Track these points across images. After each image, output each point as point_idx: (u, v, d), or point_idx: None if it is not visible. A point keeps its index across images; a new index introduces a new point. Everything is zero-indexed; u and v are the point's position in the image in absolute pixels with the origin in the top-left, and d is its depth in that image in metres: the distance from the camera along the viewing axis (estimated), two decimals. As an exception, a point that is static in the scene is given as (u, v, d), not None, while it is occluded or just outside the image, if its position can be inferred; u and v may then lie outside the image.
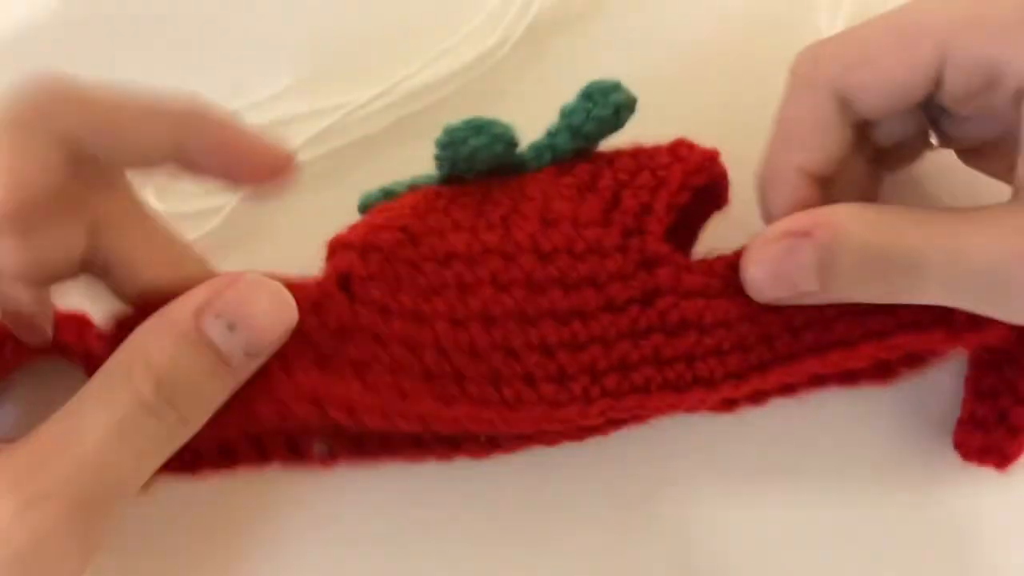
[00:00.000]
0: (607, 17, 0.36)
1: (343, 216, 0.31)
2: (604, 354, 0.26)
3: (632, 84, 0.35)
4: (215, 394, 0.23)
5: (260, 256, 0.33)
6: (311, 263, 0.32)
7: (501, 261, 0.26)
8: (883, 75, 0.26)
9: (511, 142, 0.27)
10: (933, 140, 0.31)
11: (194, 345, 0.23)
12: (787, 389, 0.30)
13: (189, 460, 0.28)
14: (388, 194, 0.29)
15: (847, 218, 0.25)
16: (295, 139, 0.34)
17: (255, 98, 0.34)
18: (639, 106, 0.30)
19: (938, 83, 0.26)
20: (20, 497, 0.21)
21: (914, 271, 0.25)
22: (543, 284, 0.26)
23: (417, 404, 0.25)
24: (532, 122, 0.34)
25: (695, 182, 0.28)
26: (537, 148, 0.28)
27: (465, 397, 0.26)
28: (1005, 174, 0.28)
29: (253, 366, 0.24)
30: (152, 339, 0.23)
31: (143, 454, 0.23)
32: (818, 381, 0.30)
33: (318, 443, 0.29)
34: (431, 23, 0.35)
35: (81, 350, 0.27)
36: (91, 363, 0.27)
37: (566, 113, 0.28)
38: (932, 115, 0.29)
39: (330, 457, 0.29)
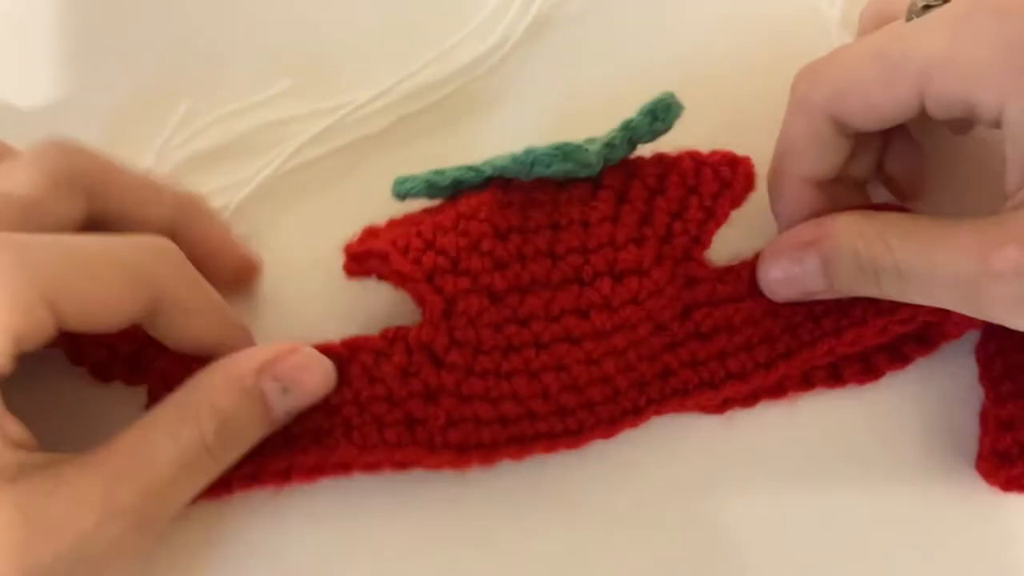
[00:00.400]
0: (607, 17, 0.36)
1: (343, 216, 0.31)
2: (649, 367, 0.29)
3: (633, 84, 0.35)
4: (254, 442, 0.27)
5: (262, 256, 0.33)
6: (312, 263, 0.32)
7: (576, 319, 0.28)
8: (869, 104, 0.28)
9: (590, 165, 0.28)
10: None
11: (252, 398, 0.26)
12: (778, 391, 0.31)
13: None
14: (431, 187, 0.29)
15: (843, 230, 0.28)
16: (295, 139, 0.34)
17: (255, 99, 0.34)
18: (639, 106, 0.30)
19: (922, 110, 0.28)
20: (104, 509, 0.24)
21: (898, 280, 0.27)
22: (610, 332, 0.28)
23: (494, 452, 0.28)
24: (532, 122, 0.35)
25: (738, 206, 0.30)
26: (599, 155, 0.28)
27: (536, 434, 0.28)
28: None
29: (285, 422, 0.27)
30: (219, 387, 0.26)
31: (194, 485, 0.26)
32: (807, 382, 0.31)
33: None
34: (431, 23, 0.35)
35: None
36: (76, 351, 0.29)
37: (629, 127, 0.29)
38: None
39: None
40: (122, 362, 0.29)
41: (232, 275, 0.30)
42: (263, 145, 0.34)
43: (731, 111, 0.34)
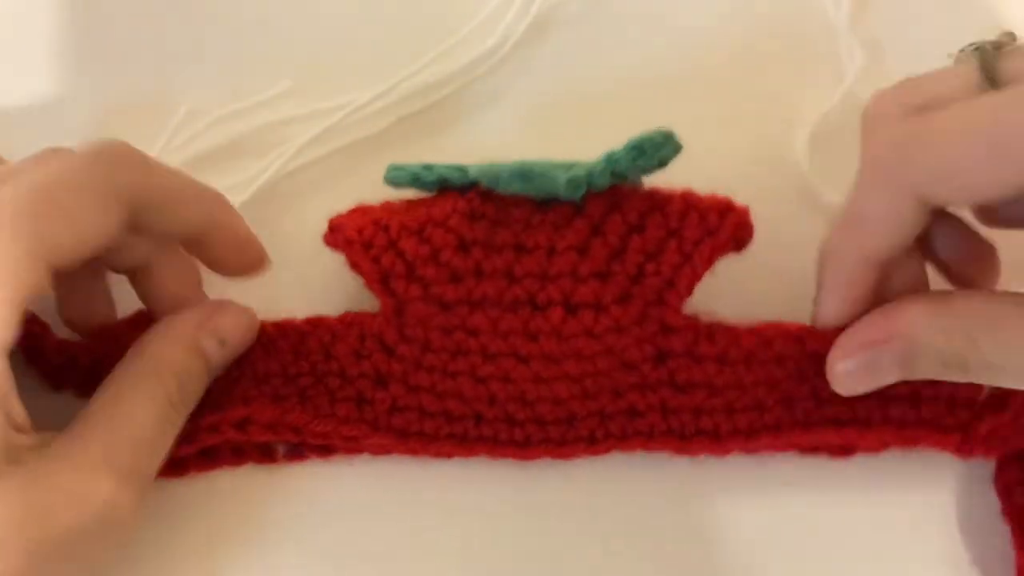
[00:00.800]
0: (607, 17, 0.36)
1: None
2: (612, 402, 0.29)
3: (632, 84, 0.35)
4: (201, 393, 0.29)
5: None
6: (313, 264, 0.32)
7: (524, 340, 0.29)
8: (972, 190, 0.26)
9: (554, 191, 0.28)
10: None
11: (196, 354, 0.28)
12: (748, 448, 0.30)
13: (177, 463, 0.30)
14: (417, 180, 0.30)
15: (919, 328, 0.27)
16: (296, 140, 0.34)
17: (256, 99, 0.34)
18: (639, 106, 0.30)
19: None
20: (117, 474, 0.25)
21: (990, 371, 0.26)
22: (559, 358, 0.29)
23: (436, 445, 0.29)
24: (532, 122, 0.35)
25: (721, 255, 0.29)
26: (575, 182, 0.28)
27: (480, 436, 0.29)
28: None
29: (219, 372, 0.29)
30: (170, 347, 0.28)
31: (170, 439, 0.28)
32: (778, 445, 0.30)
33: (281, 445, 0.31)
34: (431, 23, 0.35)
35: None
36: (35, 351, 0.30)
37: (612, 159, 0.28)
38: None
39: (296, 455, 0.31)
40: (78, 372, 0.30)
41: (247, 266, 0.31)
42: (264, 146, 0.34)
43: (732, 111, 0.34)
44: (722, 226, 0.28)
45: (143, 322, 0.29)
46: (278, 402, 0.29)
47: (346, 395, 0.29)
